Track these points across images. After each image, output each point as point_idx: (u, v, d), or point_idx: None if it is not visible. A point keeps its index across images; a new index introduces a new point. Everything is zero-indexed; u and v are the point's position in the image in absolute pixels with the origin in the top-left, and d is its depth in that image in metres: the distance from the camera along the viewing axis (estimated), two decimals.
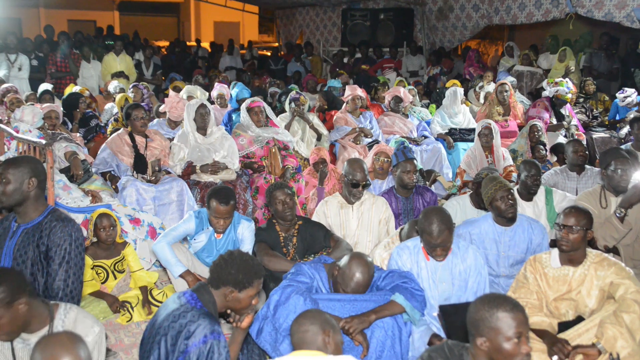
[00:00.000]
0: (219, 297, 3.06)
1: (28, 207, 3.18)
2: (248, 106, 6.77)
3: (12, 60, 10.04)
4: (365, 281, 3.55)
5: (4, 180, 3.12)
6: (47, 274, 3.11)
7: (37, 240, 3.12)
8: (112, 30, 15.24)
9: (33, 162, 3.25)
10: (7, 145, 5.92)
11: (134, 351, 4.11)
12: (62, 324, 2.73)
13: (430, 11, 13.89)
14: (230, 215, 4.64)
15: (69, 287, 3.12)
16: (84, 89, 8.81)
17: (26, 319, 2.66)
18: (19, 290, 2.59)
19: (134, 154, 6.05)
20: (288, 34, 17.79)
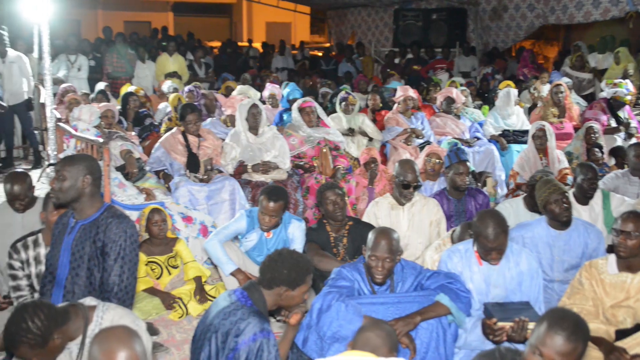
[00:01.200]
0: (272, 296, 3.08)
1: (84, 204, 3.23)
2: (299, 106, 6.80)
3: (72, 61, 10.31)
4: (389, 244, 3.55)
5: (60, 177, 3.19)
6: (103, 269, 3.16)
7: (93, 236, 3.17)
8: (167, 31, 15.47)
9: (89, 160, 3.31)
10: (66, 143, 6.09)
11: (186, 347, 4.17)
12: (99, 327, 2.75)
13: (484, 11, 13.70)
14: (277, 214, 4.67)
15: (124, 283, 3.17)
16: (139, 89, 8.97)
17: (63, 343, 2.69)
18: (49, 329, 2.58)
19: (187, 152, 6.14)
20: (339, 34, 17.78)
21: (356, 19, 16.93)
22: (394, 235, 3.61)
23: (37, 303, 2.63)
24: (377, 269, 3.55)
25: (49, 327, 2.57)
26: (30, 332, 2.53)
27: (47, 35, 5.64)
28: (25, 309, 2.57)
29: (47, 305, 2.63)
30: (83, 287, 3.19)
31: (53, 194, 3.29)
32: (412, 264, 3.81)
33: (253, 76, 11.74)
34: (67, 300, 3.16)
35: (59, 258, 3.27)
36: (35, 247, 3.98)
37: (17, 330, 2.53)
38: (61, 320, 2.65)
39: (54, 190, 3.24)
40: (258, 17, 26.49)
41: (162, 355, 4.12)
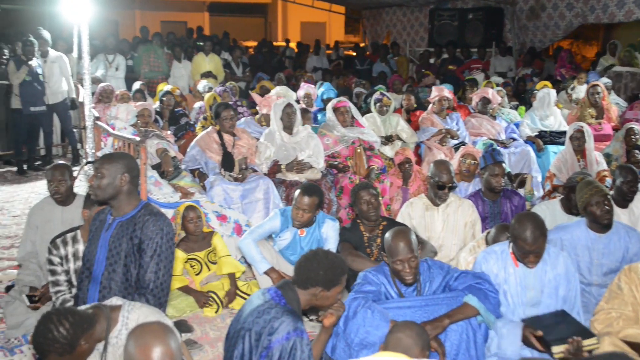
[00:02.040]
0: (306, 296, 3.09)
1: (122, 201, 3.27)
2: (334, 106, 6.80)
3: (110, 60, 10.48)
4: (409, 244, 3.53)
5: (99, 175, 3.24)
6: (139, 266, 3.19)
7: (130, 233, 3.21)
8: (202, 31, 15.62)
9: (127, 158, 3.36)
10: (103, 141, 6.18)
11: (219, 345, 4.20)
12: (125, 328, 2.79)
13: (521, 10, 13.52)
14: (310, 209, 4.68)
15: (160, 279, 3.20)
16: (175, 88, 9.06)
17: (91, 347, 2.72)
18: (76, 336, 2.61)
19: (222, 151, 6.18)
20: (374, 34, 17.74)
21: (391, 19, 16.87)
22: (410, 233, 3.61)
23: (62, 311, 2.66)
24: (404, 271, 3.53)
25: (75, 334, 2.60)
26: (57, 341, 2.56)
27: (87, 35, 5.73)
28: (50, 319, 2.59)
29: (71, 312, 2.66)
30: (119, 283, 3.23)
31: (91, 191, 3.34)
32: (439, 264, 3.78)
33: (288, 76, 11.78)
34: (103, 295, 3.21)
35: (96, 254, 3.32)
36: (74, 244, 4.04)
37: (45, 341, 2.56)
38: (87, 325, 2.68)
39: (93, 188, 3.30)
40: (293, 17, 26.58)
41: (195, 352, 4.15)
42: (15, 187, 8.32)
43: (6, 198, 7.76)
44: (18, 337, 4.26)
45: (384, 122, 7.53)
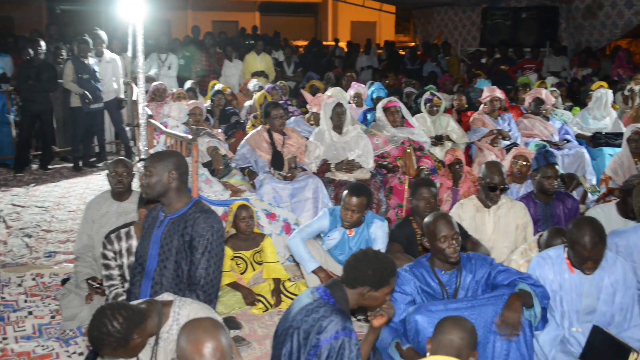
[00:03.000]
0: (354, 295, 3.08)
1: (172, 199, 3.31)
2: (384, 106, 6.77)
3: (163, 59, 10.66)
4: (450, 222, 3.57)
5: (148, 173, 3.29)
6: (190, 262, 3.23)
7: (181, 230, 3.24)
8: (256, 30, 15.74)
9: (175, 156, 3.39)
10: (156, 139, 6.28)
11: (267, 342, 4.23)
12: (176, 323, 2.82)
13: (577, 9, 13.23)
14: (359, 209, 4.67)
15: (210, 276, 3.23)
16: (226, 87, 9.16)
17: (143, 341, 2.78)
18: (129, 330, 2.66)
19: (271, 150, 6.22)
20: (425, 34, 17.60)
21: (442, 18, 16.71)
22: (449, 216, 3.64)
23: (115, 305, 2.71)
24: (450, 247, 3.54)
25: (128, 328, 2.65)
26: (111, 335, 2.61)
27: (141, 35, 5.83)
28: (104, 313, 2.65)
29: (125, 307, 2.71)
30: (170, 279, 3.27)
31: (142, 189, 3.40)
32: (482, 256, 3.75)
33: (337, 75, 11.78)
34: (155, 290, 3.26)
35: (148, 250, 3.36)
36: (127, 239, 4.13)
37: (99, 334, 2.62)
38: (139, 320, 2.72)
39: (143, 186, 3.36)
40: (343, 17, 26.56)
41: (243, 349, 4.19)
42: (71, 183, 8.55)
43: (62, 193, 7.97)
44: (73, 329, 4.38)
45: (434, 122, 7.47)
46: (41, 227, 6.63)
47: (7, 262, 5.61)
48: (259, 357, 4.14)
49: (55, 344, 4.21)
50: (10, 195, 7.89)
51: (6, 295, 4.94)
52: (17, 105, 9.42)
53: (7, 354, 4.07)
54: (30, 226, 6.64)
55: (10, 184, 8.49)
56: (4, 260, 5.66)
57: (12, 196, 7.83)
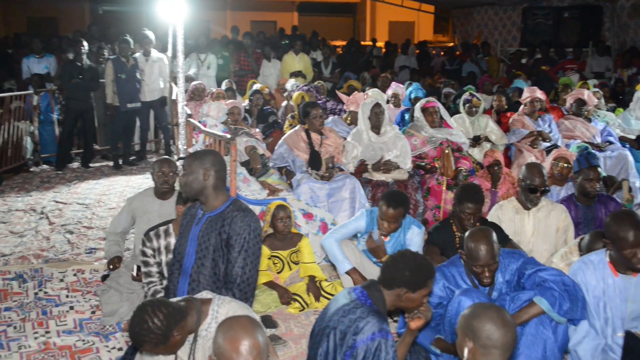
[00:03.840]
0: (391, 296, 3.06)
1: (209, 197, 3.34)
2: (423, 106, 6.73)
3: (202, 59, 10.76)
4: (491, 250, 3.44)
5: (185, 171, 3.33)
6: (227, 260, 3.25)
7: (219, 229, 3.27)
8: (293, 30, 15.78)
9: (211, 155, 3.42)
10: (195, 138, 6.34)
11: (303, 342, 4.23)
12: (215, 321, 2.83)
13: (622, 8, 12.96)
14: (396, 220, 4.64)
15: (246, 275, 3.25)
16: (264, 87, 9.20)
17: (183, 338, 2.81)
18: (169, 327, 2.70)
19: (309, 150, 6.23)
20: (464, 34, 17.45)
21: (482, 18, 16.54)
22: (492, 237, 3.51)
23: (156, 303, 2.75)
24: (483, 275, 3.49)
25: (169, 325, 2.68)
26: (151, 331, 2.65)
27: (182, 35, 5.89)
28: (145, 310, 2.69)
29: (165, 304, 2.74)
30: (208, 276, 3.30)
31: (181, 187, 3.44)
32: (516, 253, 3.70)
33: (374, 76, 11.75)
34: (192, 288, 3.29)
35: (186, 247, 3.40)
36: (166, 237, 4.17)
37: (140, 331, 2.66)
38: (179, 317, 2.75)
39: (181, 184, 3.40)
40: (381, 17, 26.49)
41: (279, 348, 4.20)
42: (111, 181, 8.68)
43: (103, 191, 8.11)
44: (112, 325, 4.45)
45: (472, 123, 7.39)
46: (82, 223, 6.75)
47: (50, 258, 5.73)
48: (295, 356, 4.15)
49: (95, 338, 4.29)
50: (53, 192, 8.05)
51: (49, 290, 5.05)
52: (61, 104, 9.63)
53: (50, 347, 4.16)
54: (72, 223, 6.76)
55: (52, 181, 8.66)
56: (47, 255, 5.78)
57: (54, 193, 7.99)
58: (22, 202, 7.54)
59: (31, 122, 9.46)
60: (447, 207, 6.07)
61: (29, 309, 4.73)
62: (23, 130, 9.31)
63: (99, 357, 4.07)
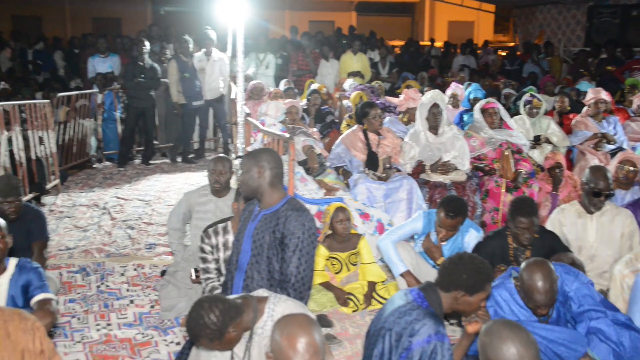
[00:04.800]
0: (448, 299, 3.03)
1: (265, 195, 3.36)
2: (482, 107, 6.62)
3: (261, 59, 10.87)
4: (550, 291, 3.26)
5: (242, 169, 3.36)
6: (282, 259, 3.26)
7: (273, 227, 3.28)
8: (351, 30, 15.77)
9: (267, 153, 3.44)
10: (253, 137, 6.40)
11: (358, 342, 4.22)
12: (271, 319, 2.84)
13: None
14: (454, 228, 4.59)
15: (301, 274, 3.25)
16: (322, 86, 9.23)
17: (238, 335, 2.83)
18: (225, 323, 2.73)
19: (366, 150, 6.21)
20: (526, 33, 17.09)
21: (545, 17, 16.16)
22: (552, 274, 3.30)
23: (213, 299, 2.79)
24: (539, 312, 3.37)
25: (224, 321, 2.72)
26: (207, 327, 2.69)
27: (242, 35, 5.96)
28: (202, 306, 2.73)
29: (221, 301, 2.78)
30: (262, 273, 3.32)
31: (238, 185, 3.49)
32: (572, 272, 3.53)
33: (431, 76, 11.64)
34: (247, 284, 3.32)
35: (242, 244, 3.43)
36: (224, 234, 4.23)
37: (196, 326, 2.71)
38: (235, 314, 2.78)
39: (238, 183, 3.44)
40: (440, 16, 26.23)
41: (334, 347, 4.20)
42: (170, 178, 8.85)
43: (162, 188, 8.27)
44: (171, 319, 4.54)
45: (533, 124, 7.23)
46: (142, 219, 6.90)
47: (112, 252, 5.88)
48: (349, 356, 4.15)
49: (154, 332, 4.38)
50: (115, 188, 8.27)
51: (110, 284, 5.19)
52: (123, 103, 9.88)
53: (111, 339, 4.27)
54: (132, 218, 6.93)
55: (114, 177, 8.90)
56: (108, 250, 5.94)
57: (116, 189, 8.21)
58: (86, 198, 7.77)
59: (95, 120, 9.74)
60: (506, 209, 5.95)
61: (91, 301, 4.87)
62: (87, 127, 9.60)
63: (157, 350, 4.15)
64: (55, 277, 5.01)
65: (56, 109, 8.78)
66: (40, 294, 3.48)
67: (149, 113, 9.55)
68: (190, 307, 2.71)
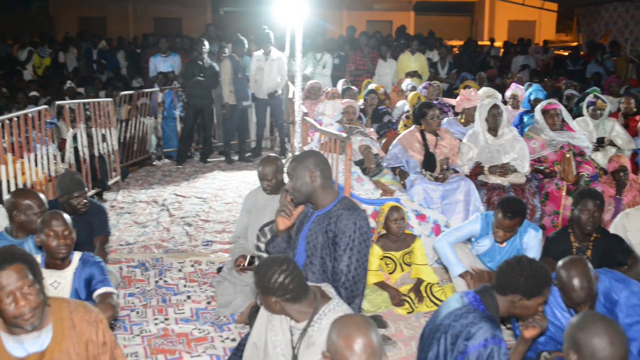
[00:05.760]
0: (505, 302, 2.98)
1: (318, 197, 3.38)
2: (543, 108, 6.47)
3: (318, 58, 10.90)
4: (588, 288, 3.19)
5: (292, 177, 3.39)
6: (334, 259, 3.28)
7: (325, 227, 3.30)
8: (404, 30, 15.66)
9: (312, 156, 3.46)
10: (310, 136, 6.43)
11: (413, 344, 4.18)
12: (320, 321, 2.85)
13: None
14: (512, 230, 4.49)
15: (351, 273, 3.25)
16: (379, 87, 9.19)
17: (277, 311, 2.92)
18: (276, 291, 2.83)
19: (424, 151, 6.15)
20: (590, 33, 16.62)
21: (611, 15, 15.67)
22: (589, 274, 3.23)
23: (296, 271, 2.87)
24: (579, 309, 3.26)
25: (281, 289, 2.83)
26: (268, 281, 2.83)
27: (300, 35, 5.99)
28: (283, 265, 2.85)
29: (298, 277, 2.87)
30: (317, 274, 3.34)
31: (290, 194, 3.51)
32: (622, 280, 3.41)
33: (490, 76, 11.46)
34: None
35: (298, 246, 3.46)
36: None
37: (263, 275, 2.86)
38: (296, 296, 2.85)
39: (291, 192, 3.46)
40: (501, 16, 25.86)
41: (389, 348, 4.18)
42: (227, 176, 8.97)
43: (220, 186, 8.38)
44: (227, 316, 4.59)
45: (597, 126, 7.04)
46: (200, 217, 7.01)
47: (170, 248, 5.99)
48: (404, 357, 4.12)
49: (210, 328, 4.44)
50: (173, 185, 8.43)
51: (168, 279, 5.28)
52: (183, 102, 10.06)
53: (169, 333, 4.35)
54: (190, 215, 7.04)
55: (173, 175, 9.07)
56: (167, 246, 6.05)
57: (174, 186, 8.36)
58: (145, 194, 7.95)
59: (156, 118, 9.95)
60: (567, 213, 5.81)
61: (150, 296, 4.97)
62: (148, 125, 9.82)
63: (213, 346, 4.20)
64: (116, 271, 5.13)
65: (118, 107, 9.01)
66: (102, 288, 3.58)
67: (208, 112, 9.69)
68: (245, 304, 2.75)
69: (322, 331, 2.78)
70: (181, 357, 4.05)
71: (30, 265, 2.46)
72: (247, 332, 3.69)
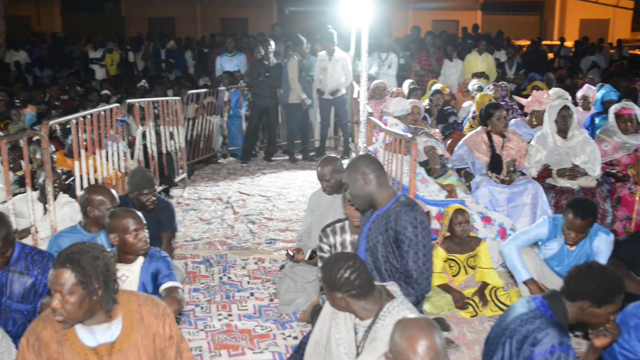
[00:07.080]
0: (573, 309, 2.91)
1: (376, 198, 3.38)
2: (617, 111, 6.26)
3: (383, 58, 10.86)
4: None
5: (346, 187, 3.41)
6: (400, 257, 3.28)
7: (385, 225, 3.31)
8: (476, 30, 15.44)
9: (361, 159, 3.46)
10: (375, 136, 6.40)
11: (476, 348, 4.13)
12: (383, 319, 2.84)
13: None
14: (583, 230, 4.36)
15: (421, 268, 3.26)
16: (445, 87, 9.09)
17: (339, 307, 2.92)
18: (347, 288, 2.83)
19: (490, 152, 6.05)
20: None
21: None
22: None
23: (362, 267, 2.86)
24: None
25: (348, 286, 2.82)
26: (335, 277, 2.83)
27: (366, 35, 5.98)
28: (350, 261, 2.85)
29: (364, 273, 2.86)
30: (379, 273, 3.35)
31: (352, 202, 3.52)
32: None
33: (560, 77, 11.17)
34: None
35: (360, 246, 3.48)
36: (342, 233, 4.24)
37: (329, 270, 2.86)
38: (362, 293, 2.84)
39: (350, 200, 3.48)
40: (572, 14, 25.18)
41: (452, 352, 4.12)
42: (291, 175, 9.03)
43: (283, 185, 8.45)
44: (289, 314, 4.62)
45: None
46: (263, 215, 7.08)
47: (234, 245, 6.08)
48: None
49: (272, 325, 4.48)
50: (238, 183, 8.55)
51: (232, 276, 5.36)
52: (248, 101, 10.19)
53: (232, 329, 4.41)
54: (254, 213, 7.12)
55: (238, 173, 9.20)
56: (231, 243, 6.14)
57: (239, 184, 8.48)
58: (211, 192, 8.09)
59: (221, 116, 10.11)
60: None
61: (214, 291, 5.05)
62: (214, 124, 9.99)
63: (275, 343, 4.24)
64: (182, 266, 5.24)
65: (186, 105, 9.20)
66: (168, 282, 3.66)
67: (273, 111, 9.80)
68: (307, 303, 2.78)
69: (386, 327, 2.77)
70: (244, 353, 4.09)
71: None
72: (309, 330, 3.70)
